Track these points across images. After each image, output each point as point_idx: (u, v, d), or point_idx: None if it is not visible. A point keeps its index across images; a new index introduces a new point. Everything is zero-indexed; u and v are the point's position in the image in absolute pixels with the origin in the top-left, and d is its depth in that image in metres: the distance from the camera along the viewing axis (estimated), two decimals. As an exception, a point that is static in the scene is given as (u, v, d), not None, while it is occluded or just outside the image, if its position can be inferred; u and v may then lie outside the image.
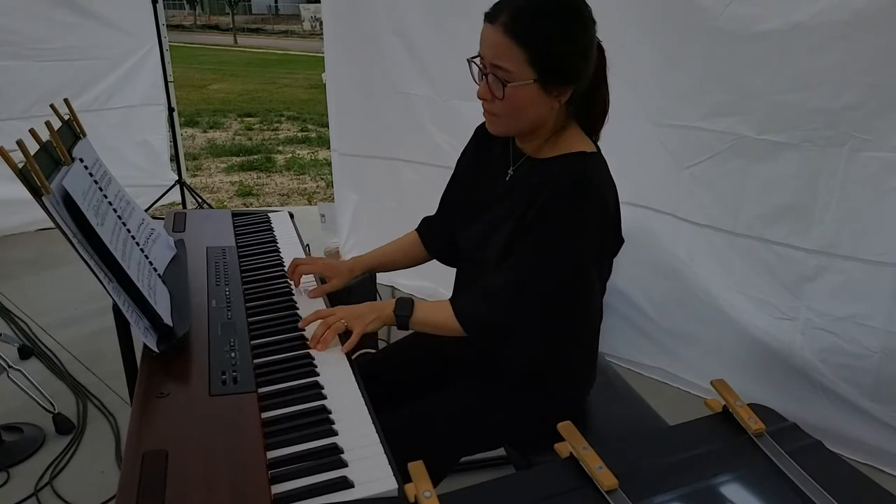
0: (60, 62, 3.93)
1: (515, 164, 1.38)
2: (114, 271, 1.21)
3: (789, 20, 2.03)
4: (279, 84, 13.49)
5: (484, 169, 1.46)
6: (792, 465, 0.99)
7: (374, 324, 1.32)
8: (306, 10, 31.21)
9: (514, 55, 1.18)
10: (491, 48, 1.21)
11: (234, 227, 1.89)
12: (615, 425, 1.48)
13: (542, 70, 1.20)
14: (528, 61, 1.19)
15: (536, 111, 1.25)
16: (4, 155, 1.10)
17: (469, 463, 1.98)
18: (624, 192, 2.53)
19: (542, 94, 1.23)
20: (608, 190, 1.29)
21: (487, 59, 1.22)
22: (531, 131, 1.31)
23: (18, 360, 2.65)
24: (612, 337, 2.72)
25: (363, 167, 3.36)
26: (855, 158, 2.02)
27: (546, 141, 1.33)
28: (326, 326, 1.29)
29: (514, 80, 1.20)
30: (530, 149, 1.36)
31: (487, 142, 1.46)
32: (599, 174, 1.28)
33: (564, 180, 1.24)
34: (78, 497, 2.01)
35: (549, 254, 1.25)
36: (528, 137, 1.34)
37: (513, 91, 1.21)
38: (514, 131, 1.33)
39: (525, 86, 1.21)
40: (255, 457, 0.99)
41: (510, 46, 1.18)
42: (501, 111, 1.26)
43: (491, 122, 1.31)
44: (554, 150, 1.31)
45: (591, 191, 1.24)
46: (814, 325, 2.22)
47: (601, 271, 1.36)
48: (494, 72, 1.21)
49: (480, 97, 1.27)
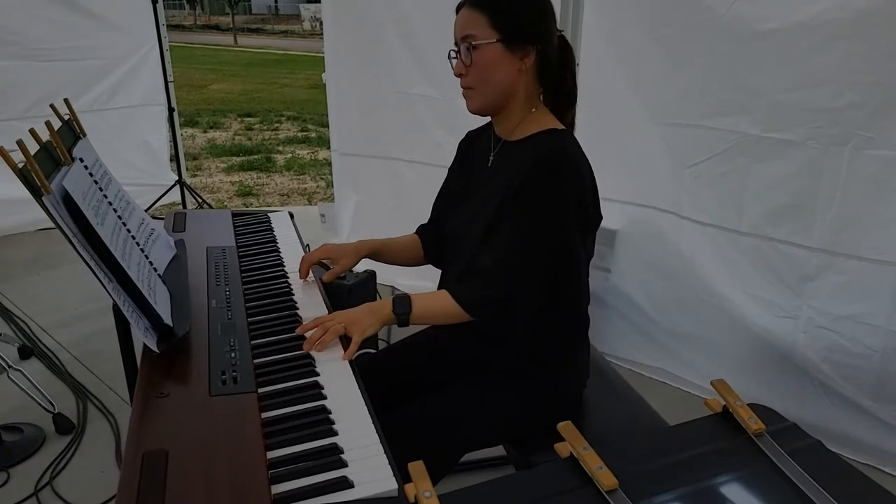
0: (60, 62, 3.93)
1: (495, 149, 1.46)
2: (114, 271, 1.21)
3: (792, 19, 2.04)
4: (279, 84, 13.49)
5: (469, 168, 1.55)
6: (792, 465, 0.99)
7: (373, 327, 1.32)
8: (306, 10, 31.23)
9: (478, 20, 1.32)
10: (459, 26, 1.36)
11: (234, 227, 1.89)
12: (615, 425, 1.48)
13: (504, 29, 1.31)
14: (491, 24, 1.31)
15: (504, 72, 1.34)
16: (4, 155, 1.10)
17: (469, 463, 1.98)
18: (626, 190, 2.58)
19: (508, 55, 1.33)
20: (582, 163, 1.34)
21: (458, 37, 1.36)
22: (504, 102, 1.38)
23: (18, 360, 2.65)
24: (612, 337, 2.72)
25: (363, 167, 3.36)
26: (857, 157, 2.02)
27: (519, 122, 1.40)
28: (324, 330, 1.29)
29: (479, 40, 1.32)
30: (505, 130, 1.43)
31: (471, 149, 1.57)
32: (573, 148, 1.35)
33: (539, 155, 1.31)
34: (78, 497, 2.01)
35: (534, 224, 1.29)
36: (502, 116, 1.42)
37: (479, 53, 1.33)
38: (489, 101, 1.38)
39: (490, 45, 1.32)
40: (255, 457, 0.99)
41: (474, 14, 1.33)
42: (474, 80, 1.36)
43: (468, 97, 1.39)
44: (528, 129, 1.39)
45: (565, 162, 1.30)
46: (815, 324, 2.22)
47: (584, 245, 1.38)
48: (464, 43, 1.34)
49: (456, 74, 1.38)
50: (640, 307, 2.65)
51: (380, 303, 1.36)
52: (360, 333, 1.29)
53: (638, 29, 2.38)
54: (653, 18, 2.35)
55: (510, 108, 1.39)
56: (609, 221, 2.67)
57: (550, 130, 1.36)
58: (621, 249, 2.66)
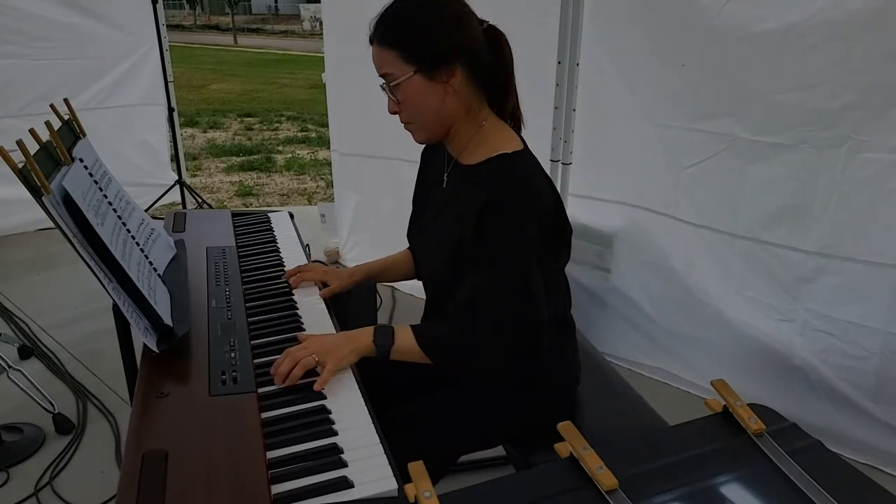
0: (59, 61, 3.93)
1: (448, 169, 1.42)
2: (114, 271, 1.21)
3: (786, 20, 2.02)
4: (279, 84, 13.49)
5: (427, 184, 1.54)
6: (792, 465, 0.99)
7: (350, 357, 1.25)
8: (306, 10, 31.21)
9: (389, 57, 1.27)
10: (376, 63, 1.30)
11: (234, 227, 1.89)
12: (615, 425, 1.48)
13: (417, 60, 1.25)
14: (402, 58, 1.25)
15: (434, 102, 1.28)
16: (4, 155, 1.10)
17: (469, 463, 1.98)
18: (624, 192, 2.58)
19: (429, 83, 1.27)
20: (539, 181, 1.29)
21: (379, 74, 1.30)
22: (446, 128, 1.34)
23: (18, 360, 2.65)
24: (612, 337, 2.72)
25: (363, 167, 3.36)
26: (853, 159, 2.02)
27: (469, 141, 1.35)
28: (294, 361, 1.19)
29: (397, 79, 1.27)
30: (457, 151, 1.39)
31: (429, 159, 1.54)
32: (526, 169, 1.29)
33: (493, 187, 1.25)
34: (78, 497, 2.01)
35: (494, 266, 1.24)
36: (450, 138, 1.37)
37: (402, 90, 1.28)
38: (431, 131, 1.35)
39: (408, 80, 1.26)
40: (255, 457, 0.99)
41: (383, 52, 1.27)
42: (409, 115, 1.32)
43: (411, 132, 1.37)
44: (479, 152, 1.33)
45: (521, 189, 1.25)
46: (812, 327, 2.21)
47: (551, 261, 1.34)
48: (386, 81, 1.29)
49: (390, 111, 1.34)
50: (640, 307, 2.65)
51: (360, 332, 1.29)
52: (335, 362, 1.21)
53: (634, 30, 2.37)
54: (648, 19, 2.34)
55: (455, 129, 1.34)
56: (608, 222, 2.67)
57: (500, 156, 1.28)
58: (620, 250, 2.66)
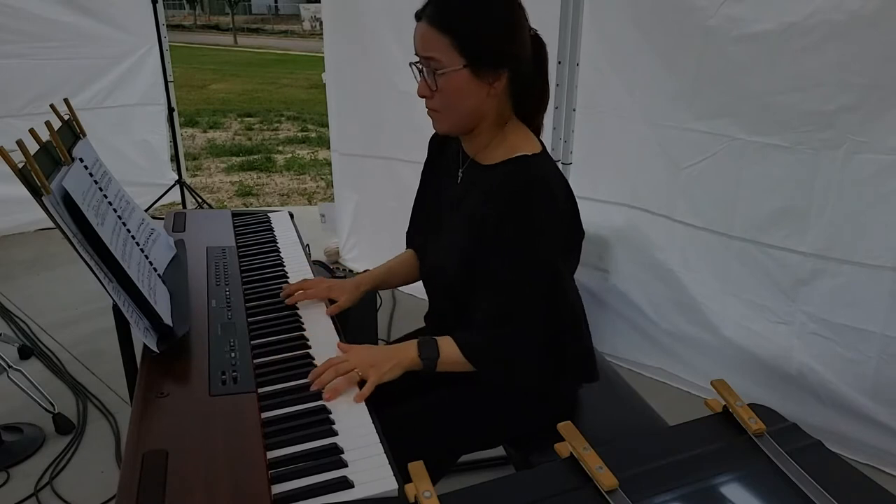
0: (59, 60, 3.93)
1: (463, 165, 1.39)
2: (114, 271, 1.21)
3: (783, 21, 2.02)
4: (279, 84, 13.48)
5: (438, 176, 1.49)
6: (792, 465, 0.99)
7: (393, 371, 1.23)
8: (306, 10, 31.19)
9: (440, 43, 1.20)
10: (420, 42, 1.24)
11: (234, 227, 1.89)
12: (615, 425, 1.48)
13: (470, 54, 1.20)
14: (455, 47, 1.20)
15: (472, 100, 1.25)
16: (4, 155, 1.10)
17: (469, 463, 1.98)
18: (622, 193, 2.58)
19: (475, 81, 1.23)
20: (556, 184, 1.27)
21: (420, 54, 1.25)
22: (473, 125, 1.31)
23: (18, 360, 2.65)
24: (612, 337, 2.72)
25: (363, 167, 3.36)
26: (851, 161, 2.01)
27: (490, 141, 1.33)
28: (336, 373, 1.19)
29: (443, 67, 1.21)
30: (475, 149, 1.36)
31: (439, 150, 1.50)
32: (544, 172, 1.27)
33: (512, 191, 1.24)
34: (78, 497, 2.01)
35: (521, 271, 1.24)
36: (472, 135, 1.34)
37: (445, 80, 1.22)
38: (456, 126, 1.32)
39: (456, 72, 1.21)
40: (255, 457, 0.99)
41: (435, 35, 1.21)
42: (440, 104, 1.27)
43: (435, 119, 1.32)
44: (498, 153, 1.31)
45: (539, 192, 1.23)
46: (810, 330, 2.21)
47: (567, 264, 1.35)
48: (427, 65, 1.24)
49: (420, 95, 1.29)
50: (640, 307, 2.65)
51: (403, 346, 1.28)
52: (377, 377, 1.20)
53: (632, 30, 2.37)
54: (645, 20, 2.34)
55: (479, 129, 1.32)
56: (606, 222, 2.67)
57: (520, 158, 1.27)
58: (619, 250, 2.66)
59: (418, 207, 1.60)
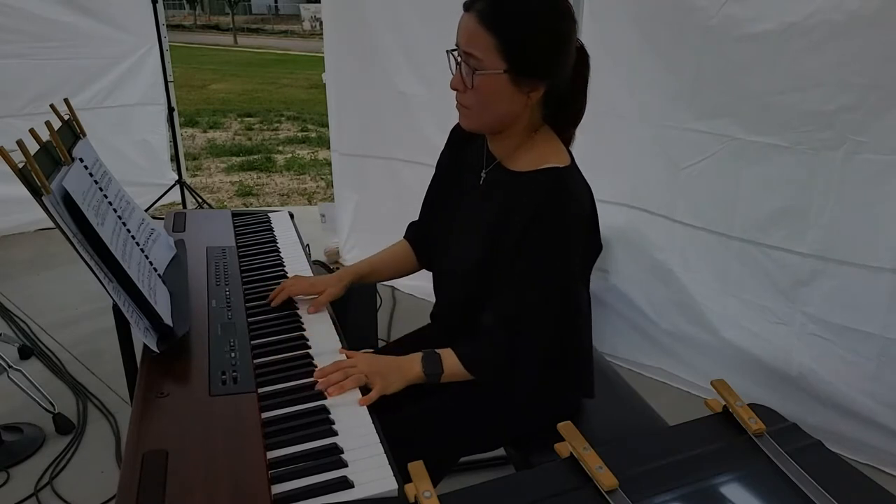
0: (59, 60, 3.92)
1: (488, 166, 1.36)
2: (114, 271, 1.21)
3: (784, 21, 2.02)
4: (279, 84, 13.48)
5: (458, 170, 1.45)
6: (792, 465, 0.99)
7: (396, 385, 1.24)
8: (306, 10, 31.20)
9: (485, 42, 1.16)
10: (464, 35, 1.20)
11: (234, 227, 1.89)
12: (615, 425, 1.48)
13: (513, 60, 1.17)
14: (499, 49, 1.16)
15: (506, 105, 1.22)
16: (4, 155, 1.10)
17: (469, 463, 1.98)
18: (622, 193, 2.58)
19: (512, 87, 1.19)
20: (584, 199, 1.26)
21: (461, 48, 1.21)
22: (502, 129, 1.28)
23: (18, 360, 2.64)
24: (612, 337, 2.72)
25: (363, 167, 3.36)
26: (851, 161, 2.01)
27: (518, 146, 1.30)
28: (345, 375, 1.20)
29: (483, 67, 1.18)
30: (502, 152, 1.33)
31: (462, 143, 1.45)
32: (574, 187, 1.25)
33: (540, 203, 1.21)
34: (78, 497, 2.01)
35: (539, 282, 1.23)
36: (499, 137, 1.31)
37: (482, 80, 1.19)
38: (485, 126, 1.30)
39: (495, 76, 1.18)
40: (255, 457, 0.99)
41: (481, 33, 1.16)
42: (472, 102, 1.24)
43: (463, 114, 1.29)
44: (526, 160, 1.28)
45: (568, 207, 1.22)
46: (809, 331, 2.21)
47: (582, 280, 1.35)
48: (467, 60, 1.20)
49: (453, 87, 1.25)
50: (639, 307, 2.65)
51: (407, 360, 1.28)
52: (383, 387, 1.21)
53: (632, 30, 2.37)
54: (645, 20, 2.34)
55: (508, 133, 1.29)
56: (606, 222, 2.65)
57: (550, 171, 1.24)
58: (618, 251, 2.66)
59: (431, 198, 1.56)
